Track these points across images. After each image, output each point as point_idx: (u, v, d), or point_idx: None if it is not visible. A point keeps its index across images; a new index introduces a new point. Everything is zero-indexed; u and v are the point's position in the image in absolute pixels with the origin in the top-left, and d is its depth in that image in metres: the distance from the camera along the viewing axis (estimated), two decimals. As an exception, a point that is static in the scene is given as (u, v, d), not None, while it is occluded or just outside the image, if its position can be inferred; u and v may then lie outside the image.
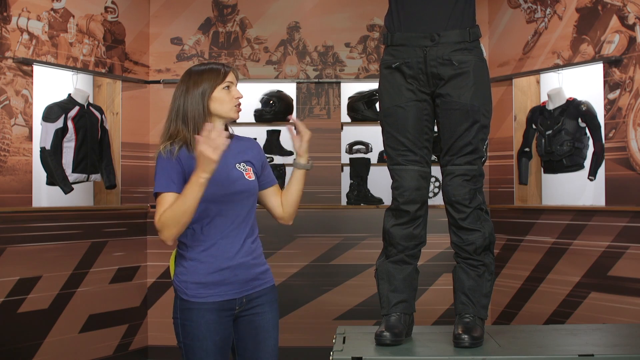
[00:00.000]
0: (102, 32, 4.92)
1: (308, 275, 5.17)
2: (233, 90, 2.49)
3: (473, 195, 2.46)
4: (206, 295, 2.43)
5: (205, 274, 2.43)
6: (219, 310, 2.43)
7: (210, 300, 2.42)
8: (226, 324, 2.46)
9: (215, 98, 2.46)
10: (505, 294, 4.98)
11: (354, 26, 5.32)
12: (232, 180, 2.45)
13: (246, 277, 2.47)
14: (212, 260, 2.44)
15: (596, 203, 4.63)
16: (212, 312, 2.42)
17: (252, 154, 2.57)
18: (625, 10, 4.25)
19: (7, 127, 4.24)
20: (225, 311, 2.45)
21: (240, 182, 2.47)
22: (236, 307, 2.46)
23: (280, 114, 5.25)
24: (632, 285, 4.16)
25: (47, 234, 4.48)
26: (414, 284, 2.55)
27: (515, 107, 5.04)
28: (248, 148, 2.58)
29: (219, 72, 2.47)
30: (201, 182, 2.27)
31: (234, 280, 2.45)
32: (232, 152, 2.49)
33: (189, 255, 2.47)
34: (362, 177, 5.26)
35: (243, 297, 2.47)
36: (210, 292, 2.43)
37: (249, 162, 2.53)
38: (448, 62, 2.43)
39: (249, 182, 2.49)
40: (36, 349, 4.38)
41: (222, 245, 2.44)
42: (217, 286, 2.43)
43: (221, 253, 2.44)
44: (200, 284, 2.43)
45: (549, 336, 2.52)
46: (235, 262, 2.45)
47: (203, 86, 2.46)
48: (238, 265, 2.45)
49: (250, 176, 2.50)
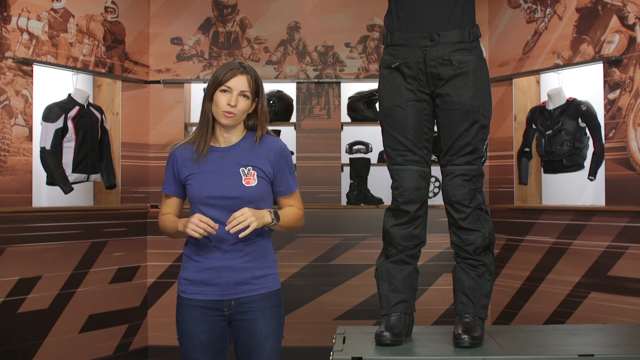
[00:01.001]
0: (102, 32, 4.92)
1: (308, 275, 5.17)
2: (229, 95, 2.44)
3: (473, 195, 2.46)
4: (193, 292, 2.48)
5: (194, 272, 2.49)
6: (205, 308, 2.47)
7: (196, 298, 2.48)
8: (215, 324, 2.47)
9: (213, 99, 2.47)
10: (505, 294, 4.98)
11: (354, 26, 5.32)
12: (226, 186, 2.45)
13: (233, 280, 2.46)
14: (201, 259, 2.48)
15: (596, 203, 4.63)
16: (198, 309, 2.47)
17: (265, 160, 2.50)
18: (625, 10, 4.25)
19: (7, 127, 4.24)
20: (213, 311, 2.47)
21: (235, 187, 2.45)
22: (224, 308, 2.47)
23: (280, 114, 5.25)
24: (632, 285, 4.16)
25: (47, 234, 4.48)
26: (414, 284, 2.55)
27: (515, 107, 5.04)
28: (264, 152, 2.51)
29: (226, 73, 2.45)
30: (183, 231, 2.45)
31: (219, 281, 2.46)
32: (243, 154, 2.48)
33: (186, 252, 2.55)
34: (362, 177, 5.26)
35: (232, 299, 2.46)
36: (196, 289, 2.48)
37: (256, 167, 2.48)
38: (448, 62, 2.43)
39: (246, 189, 2.45)
40: (36, 349, 4.38)
41: (212, 246, 2.46)
42: (202, 285, 2.47)
43: (208, 253, 2.46)
44: (189, 280, 2.50)
45: (549, 336, 2.52)
46: (220, 264, 2.46)
47: (210, 85, 2.48)
48: (223, 267, 2.46)
49: (250, 182, 2.46)
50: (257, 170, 2.49)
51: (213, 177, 2.45)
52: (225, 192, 2.44)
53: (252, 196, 2.46)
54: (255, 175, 2.48)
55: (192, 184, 2.47)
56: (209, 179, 2.45)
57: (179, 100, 5.27)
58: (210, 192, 2.43)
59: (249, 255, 2.48)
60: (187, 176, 2.49)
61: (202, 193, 2.43)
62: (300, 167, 5.24)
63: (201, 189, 2.44)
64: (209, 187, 2.44)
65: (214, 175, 2.45)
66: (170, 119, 5.24)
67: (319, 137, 5.26)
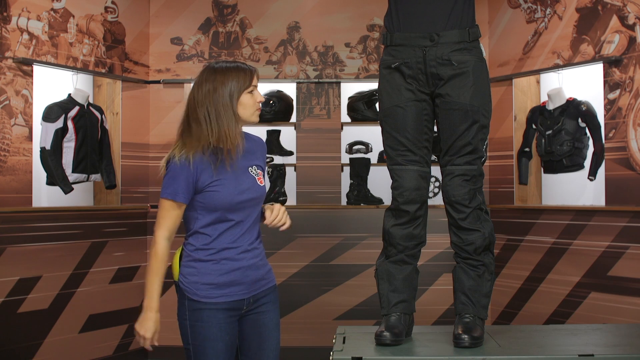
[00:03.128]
0: (102, 32, 4.92)
1: (308, 275, 5.17)
2: (256, 93, 2.43)
3: (473, 195, 2.46)
4: (217, 295, 2.42)
5: (217, 275, 2.42)
6: (228, 310, 2.44)
7: (221, 301, 2.42)
8: (233, 324, 2.47)
9: (240, 102, 2.40)
10: (505, 294, 4.98)
11: (354, 26, 5.32)
12: (244, 189, 2.43)
13: (255, 277, 2.47)
14: (225, 261, 2.43)
15: (596, 203, 4.62)
16: (222, 312, 2.43)
17: (261, 157, 2.54)
18: (625, 10, 4.25)
19: (7, 127, 4.24)
20: (234, 311, 2.45)
21: (252, 189, 2.45)
22: (244, 307, 2.47)
23: (280, 114, 5.25)
24: (632, 285, 4.16)
25: (47, 234, 4.48)
26: (414, 284, 2.55)
27: (515, 107, 5.04)
28: (257, 149, 2.53)
29: (246, 75, 2.40)
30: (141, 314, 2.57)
31: (245, 280, 2.45)
32: (245, 154, 2.47)
33: (200, 257, 2.44)
34: (362, 177, 5.26)
35: (251, 297, 2.47)
36: (221, 292, 2.42)
37: (259, 167, 2.51)
38: (447, 62, 2.43)
39: (260, 188, 2.47)
40: (36, 349, 4.38)
41: (234, 247, 2.44)
42: (228, 287, 2.43)
43: (233, 255, 2.44)
44: (212, 284, 2.42)
45: (549, 336, 2.52)
46: (246, 264, 2.45)
47: (230, 88, 2.38)
48: (249, 266, 2.45)
49: (262, 181, 2.49)
50: (260, 169, 2.52)
51: (237, 181, 2.43)
52: (249, 194, 2.43)
53: (264, 194, 2.50)
54: (261, 174, 2.51)
55: (219, 191, 2.39)
56: (234, 184, 2.41)
57: (179, 100, 5.27)
58: (239, 196, 2.41)
59: (262, 252, 2.52)
60: (210, 183, 2.39)
61: (234, 199, 2.40)
62: (300, 167, 5.25)
63: (232, 195, 2.40)
64: (237, 191, 2.41)
65: (237, 179, 2.43)
66: (170, 119, 5.24)
67: (319, 137, 5.27)
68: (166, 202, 2.39)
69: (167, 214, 2.40)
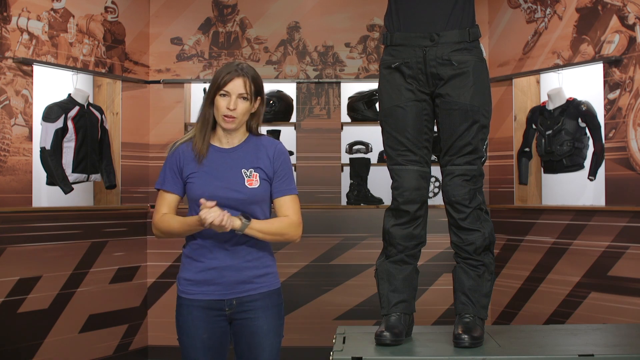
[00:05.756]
0: (102, 32, 4.92)
1: (308, 275, 5.17)
2: (228, 99, 2.44)
3: (473, 195, 2.46)
4: (195, 292, 2.48)
5: (195, 272, 2.48)
6: (207, 308, 2.46)
7: (197, 298, 2.47)
8: (216, 323, 2.47)
9: (214, 103, 2.47)
10: (505, 294, 4.98)
11: (354, 26, 5.32)
12: (221, 186, 2.44)
13: (235, 279, 2.46)
14: (203, 259, 2.47)
15: (596, 203, 4.63)
16: (199, 309, 2.46)
17: (266, 160, 2.51)
18: (625, 10, 4.25)
19: (7, 127, 4.24)
20: (214, 310, 2.47)
21: (238, 188, 2.45)
22: (225, 308, 2.47)
23: (280, 114, 5.25)
24: (632, 285, 4.16)
25: (47, 234, 4.48)
26: (414, 284, 2.55)
27: (515, 107, 5.04)
28: (264, 153, 2.52)
29: (223, 77, 2.43)
30: (199, 228, 2.38)
31: (221, 281, 2.46)
32: (245, 156, 2.49)
33: (185, 252, 2.54)
34: (362, 177, 5.26)
35: (233, 299, 2.46)
36: (198, 289, 2.47)
37: (258, 169, 2.49)
38: (447, 62, 2.43)
39: (249, 190, 2.45)
40: (36, 349, 4.38)
41: (213, 245, 2.46)
42: (205, 285, 2.46)
43: (211, 253, 2.46)
44: (190, 280, 2.48)
45: (549, 336, 2.52)
46: (224, 264, 2.46)
47: (210, 87, 2.47)
48: (226, 267, 2.46)
49: (253, 183, 2.46)
50: (259, 171, 2.49)
51: (215, 177, 2.45)
52: (227, 192, 2.44)
53: (254, 197, 2.47)
54: (257, 176, 2.48)
55: (194, 183, 2.46)
56: (211, 179, 2.45)
57: (179, 100, 5.27)
58: (212, 191, 2.42)
59: (250, 255, 2.48)
60: (190, 174, 2.47)
61: (204, 192, 2.42)
62: (300, 167, 5.25)
63: (203, 188, 2.44)
64: (211, 187, 2.43)
65: (217, 175, 2.45)
66: (170, 119, 5.24)
67: (319, 137, 5.27)
68: (158, 192, 2.53)
69: (160, 202, 2.52)
